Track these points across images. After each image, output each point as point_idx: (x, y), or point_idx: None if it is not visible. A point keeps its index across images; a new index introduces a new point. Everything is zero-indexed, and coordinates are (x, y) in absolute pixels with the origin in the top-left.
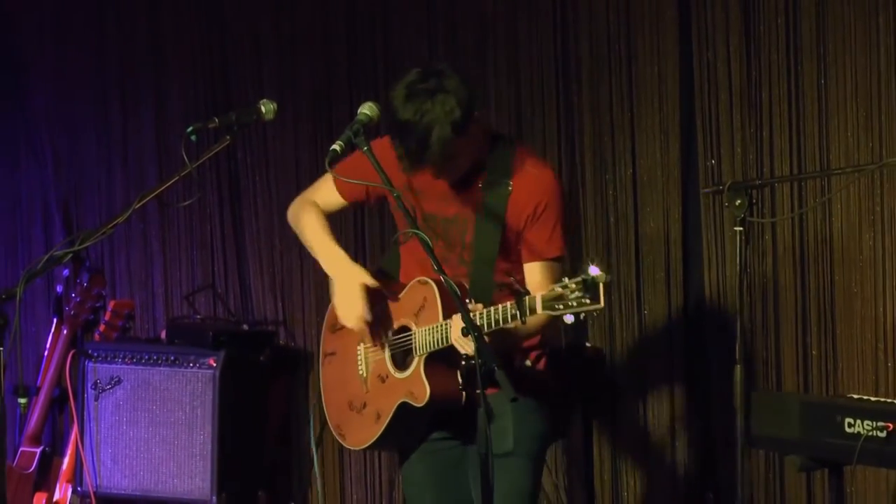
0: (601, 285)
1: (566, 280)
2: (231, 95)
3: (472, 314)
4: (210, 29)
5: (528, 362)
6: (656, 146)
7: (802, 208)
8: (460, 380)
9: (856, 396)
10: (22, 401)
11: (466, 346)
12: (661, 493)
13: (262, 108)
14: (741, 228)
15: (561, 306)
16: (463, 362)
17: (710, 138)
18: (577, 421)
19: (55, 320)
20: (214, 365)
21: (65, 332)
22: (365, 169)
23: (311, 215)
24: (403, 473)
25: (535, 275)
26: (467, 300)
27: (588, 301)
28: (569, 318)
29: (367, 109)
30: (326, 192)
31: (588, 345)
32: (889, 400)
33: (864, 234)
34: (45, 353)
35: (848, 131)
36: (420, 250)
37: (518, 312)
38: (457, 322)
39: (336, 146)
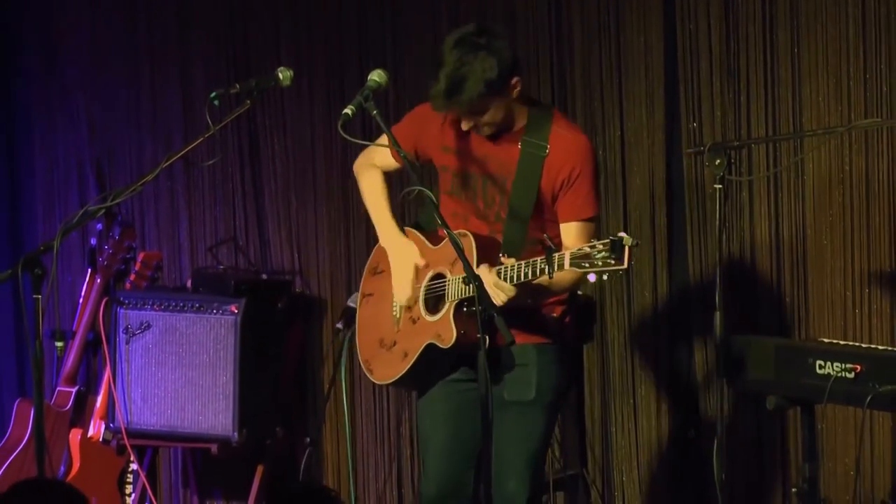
0: (627, 248)
1: (594, 241)
2: (251, 64)
3: (504, 266)
4: (232, 2)
5: (556, 315)
6: (642, 110)
7: (777, 167)
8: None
9: (826, 340)
10: (59, 344)
11: (495, 295)
12: (646, 430)
13: (280, 75)
14: (720, 186)
15: (587, 264)
16: (464, 309)
17: (692, 103)
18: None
19: (89, 270)
20: (236, 311)
21: (98, 281)
22: (414, 131)
23: (370, 178)
24: (421, 407)
25: (570, 234)
26: (500, 254)
27: (612, 262)
28: (591, 278)
29: (376, 76)
30: (383, 154)
31: (580, 293)
32: (856, 344)
33: (833, 191)
34: (80, 300)
35: (819, 96)
36: (456, 204)
37: (547, 267)
38: (485, 272)
39: (348, 110)
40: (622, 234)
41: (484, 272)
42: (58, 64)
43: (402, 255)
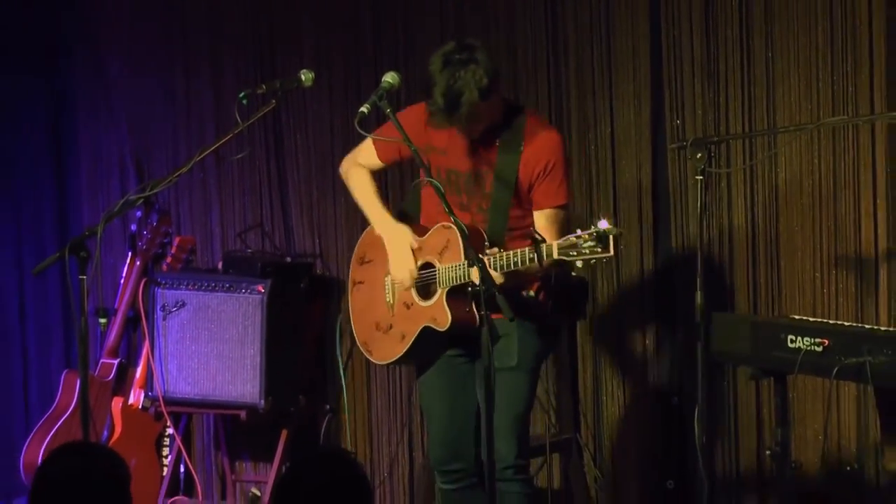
0: (611, 237)
1: (580, 231)
2: (276, 66)
3: (490, 257)
4: (259, 10)
5: (532, 293)
6: (630, 109)
7: (753, 160)
8: (475, 308)
9: (797, 317)
10: (102, 321)
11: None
12: (634, 398)
13: (302, 77)
14: (701, 178)
15: (574, 253)
16: (469, 289)
17: (676, 102)
18: (564, 338)
19: (130, 254)
20: (262, 291)
21: (138, 263)
22: (399, 133)
23: (358, 176)
24: (421, 382)
25: (542, 220)
26: (485, 243)
27: (599, 250)
28: (578, 263)
29: (389, 77)
30: (367, 155)
31: (573, 275)
32: (824, 320)
33: (804, 182)
34: (122, 281)
35: (791, 96)
36: (440, 197)
37: (536, 257)
38: None
39: (364, 108)
40: (603, 223)
41: None
42: (100, 66)
43: (397, 238)
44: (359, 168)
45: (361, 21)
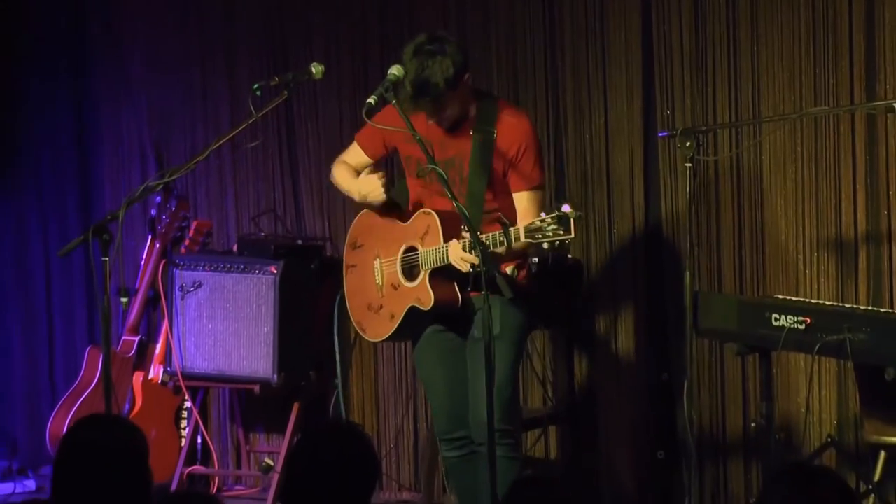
0: (572, 220)
1: (544, 215)
2: (288, 60)
3: (465, 241)
4: (272, 7)
5: (511, 270)
6: (623, 100)
7: (739, 148)
8: (457, 288)
9: (781, 297)
10: (124, 300)
11: (462, 265)
12: (626, 373)
13: (313, 70)
14: (690, 164)
15: (540, 236)
16: (471, 270)
17: (666, 93)
18: (560, 316)
19: (150, 237)
20: (275, 272)
21: (157, 246)
22: (388, 123)
23: (342, 171)
24: (415, 357)
25: (522, 201)
26: (462, 227)
27: (562, 232)
28: (545, 245)
29: (394, 70)
30: (354, 154)
31: (569, 256)
32: (807, 300)
33: (787, 169)
34: (142, 262)
35: (775, 87)
36: (421, 186)
37: (505, 240)
38: (453, 246)
39: (371, 99)
40: (566, 207)
41: (453, 245)
42: (122, 61)
43: (365, 182)
44: (343, 165)
45: (369, 18)
